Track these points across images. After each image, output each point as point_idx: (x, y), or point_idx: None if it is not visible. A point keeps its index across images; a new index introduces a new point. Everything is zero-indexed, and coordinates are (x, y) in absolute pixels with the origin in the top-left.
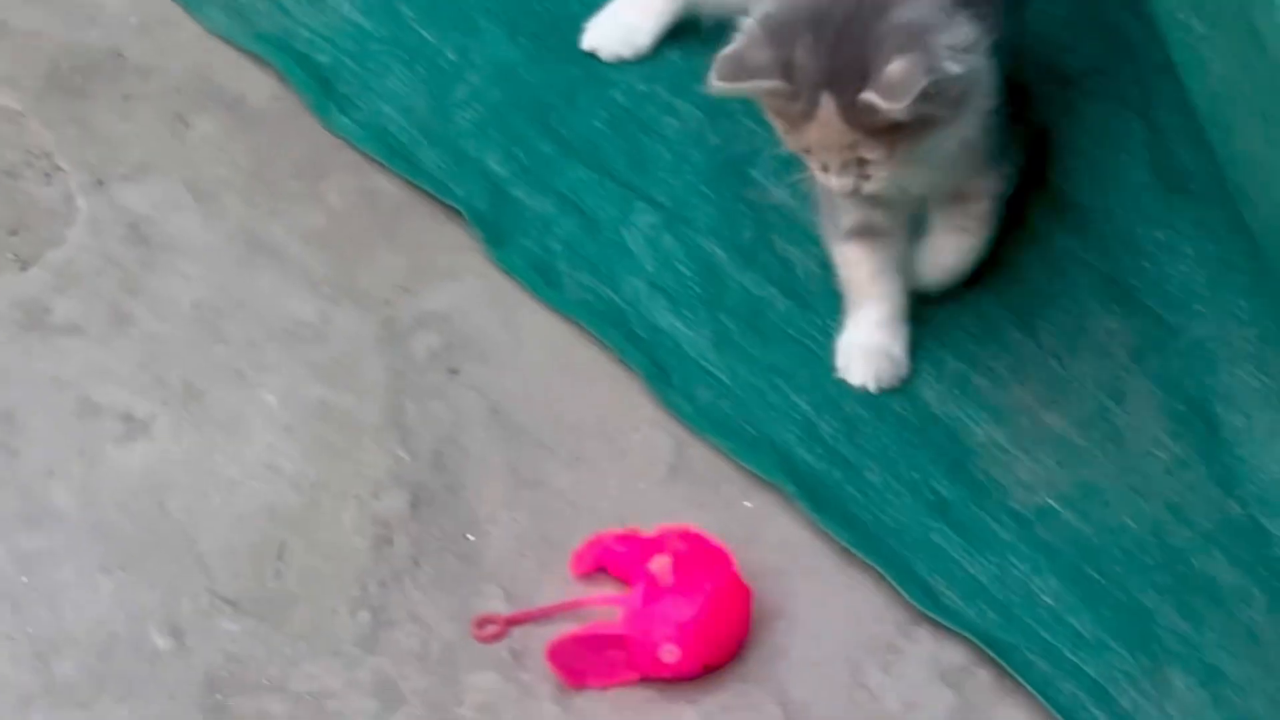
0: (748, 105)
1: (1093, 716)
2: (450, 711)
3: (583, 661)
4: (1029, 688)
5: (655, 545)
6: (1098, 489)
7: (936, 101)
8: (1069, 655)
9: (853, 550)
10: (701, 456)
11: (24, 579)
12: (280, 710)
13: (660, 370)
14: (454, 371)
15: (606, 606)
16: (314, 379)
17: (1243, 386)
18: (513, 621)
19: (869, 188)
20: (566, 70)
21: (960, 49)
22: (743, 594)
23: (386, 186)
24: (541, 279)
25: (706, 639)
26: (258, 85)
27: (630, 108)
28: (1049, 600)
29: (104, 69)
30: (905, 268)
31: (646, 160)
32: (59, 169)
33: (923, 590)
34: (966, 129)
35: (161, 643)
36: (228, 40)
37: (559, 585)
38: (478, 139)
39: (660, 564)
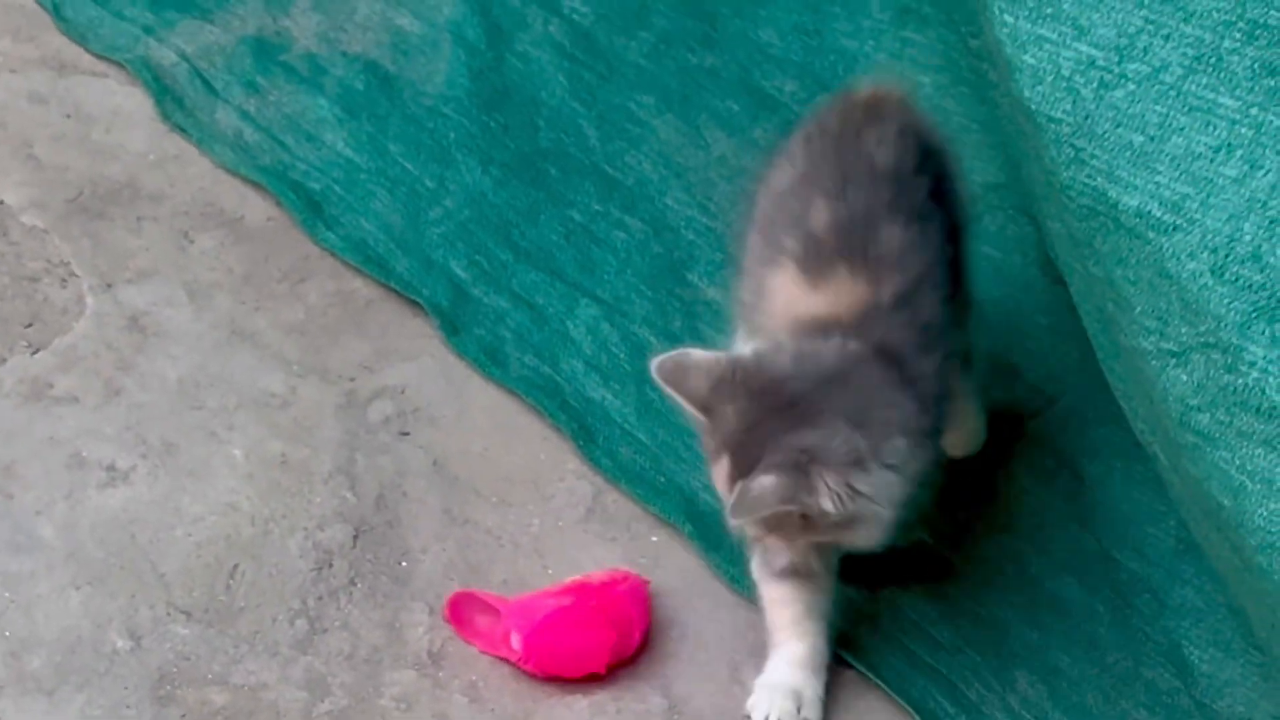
0: (690, 220)
1: (940, 706)
2: (371, 702)
3: (470, 618)
4: (880, 684)
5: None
6: (968, 528)
7: (807, 522)
8: (925, 658)
9: (735, 587)
10: (616, 501)
11: (6, 594)
12: (221, 700)
13: (587, 432)
14: (404, 434)
15: None
16: (277, 437)
17: (1105, 442)
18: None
19: (772, 556)
20: (531, 194)
21: (858, 485)
22: (604, 630)
23: (361, 288)
24: (490, 360)
25: (548, 646)
26: (256, 208)
27: (585, 223)
28: (913, 615)
29: (121, 196)
30: (830, 611)
31: (595, 265)
32: (74, 275)
33: None
34: (859, 537)
35: (121, 643)
36: (233, 172)
37: None
38: (446, 249)
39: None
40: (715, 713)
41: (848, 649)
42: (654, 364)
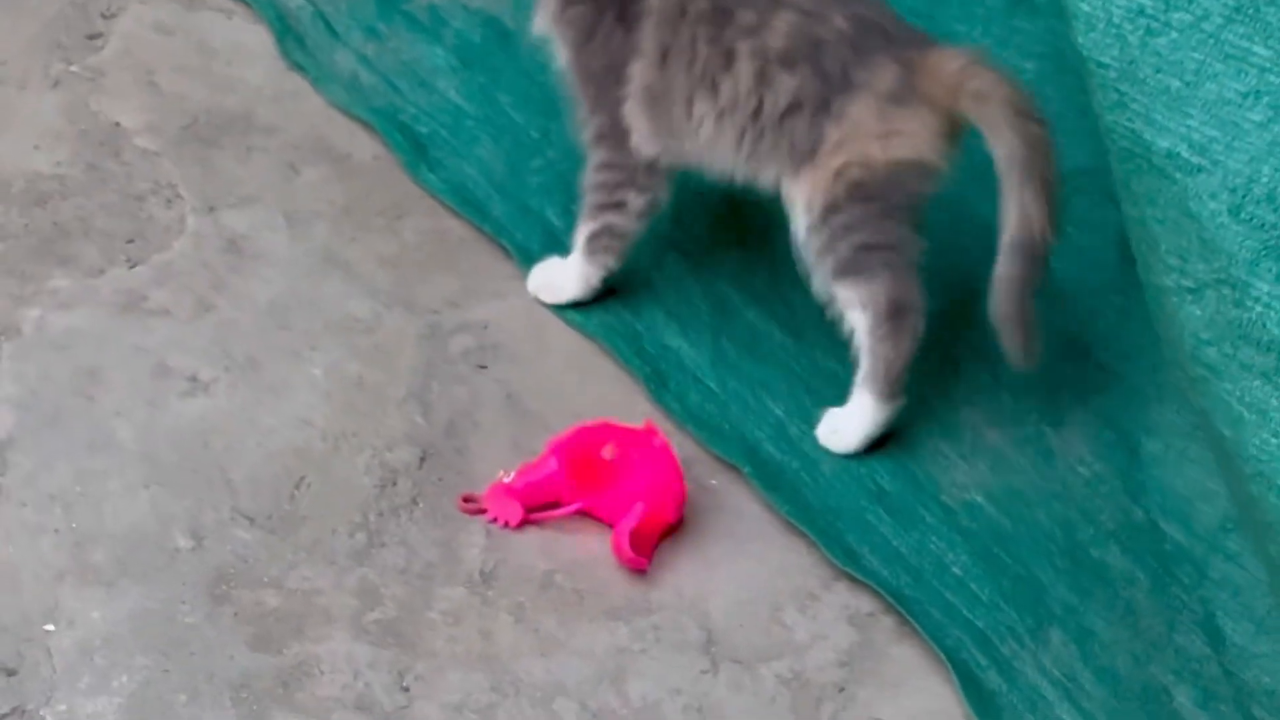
0: None
1: (973, 657)
2: (420, 614)
3: (646, 544)
4: (919, 630)
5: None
6: (1021, 492)
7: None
8: (964, 612)
9: (792, 520)
10: (680, 445)
11: (78, 488)
12: (275, 602)
13: (660, 377)
14: (482, 367)
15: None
16: (357, 360)
17: (1165, 421)
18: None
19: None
20: None
21: None
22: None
23: (456, 229)
24: (573, 306)
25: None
26: (363, 147)
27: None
28: (957, 571)
29: (235, 126)
30: None
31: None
32: (179, 196)
33: (846, 553)
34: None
35: (183, 542)
36: (345, 111)
37: (536, 533)
38: (543, 197)
39: (609, 450)
40: (750, 649)
41: (891, 597)
42: None
